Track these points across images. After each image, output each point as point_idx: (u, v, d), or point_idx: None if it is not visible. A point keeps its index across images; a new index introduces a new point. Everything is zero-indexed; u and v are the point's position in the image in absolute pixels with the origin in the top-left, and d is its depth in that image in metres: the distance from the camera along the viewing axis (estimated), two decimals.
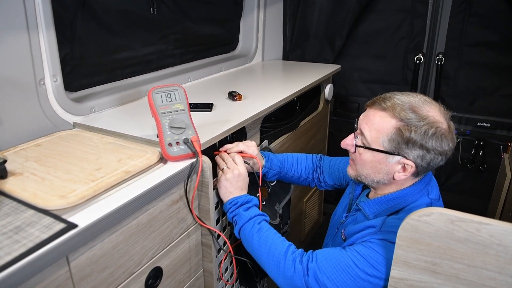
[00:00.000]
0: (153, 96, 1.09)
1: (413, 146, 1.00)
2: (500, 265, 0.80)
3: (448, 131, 1.02)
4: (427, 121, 0.99)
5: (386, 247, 0.99)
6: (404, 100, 1.03)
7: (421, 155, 1.01)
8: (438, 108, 1.04)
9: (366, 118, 1.08)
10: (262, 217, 1.17)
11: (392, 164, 1.05)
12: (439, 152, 1.01)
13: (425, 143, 0.99)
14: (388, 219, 1.04)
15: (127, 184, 0.96)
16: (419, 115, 1.00)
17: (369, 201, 1.13)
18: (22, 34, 1.12)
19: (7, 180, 0.93)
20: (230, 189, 1.18)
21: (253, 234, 1.13)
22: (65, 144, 1.16)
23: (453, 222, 0.81)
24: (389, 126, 1.02)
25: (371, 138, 1.05)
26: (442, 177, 2.58)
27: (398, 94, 1.06)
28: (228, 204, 1.19)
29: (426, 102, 1.04)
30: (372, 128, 1.05)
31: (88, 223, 0.79)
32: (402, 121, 1.00)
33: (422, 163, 1.03)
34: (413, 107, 1.01)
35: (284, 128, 1.79)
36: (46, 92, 1.23)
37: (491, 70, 2.23)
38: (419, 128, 0.99)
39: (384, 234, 1.01)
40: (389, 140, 1.02)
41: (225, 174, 1.18)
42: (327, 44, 2.54)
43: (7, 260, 0.67)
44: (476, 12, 2.17)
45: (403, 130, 1.00)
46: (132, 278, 0.97)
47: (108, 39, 1.54)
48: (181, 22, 1.87)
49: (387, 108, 1.03)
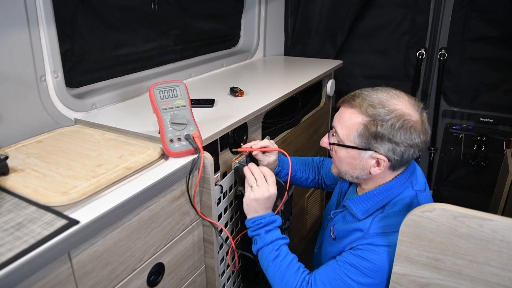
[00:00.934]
0: (154, 92, 1.09)
1: (381, 140, 1.01)
2: (503, 260, 0.79)
3: (418, 123, 1.02)
4: (394, 114, 1.00)
5: (373, 251, 1.01)
6: (372, 96, 1.05)
7: (391, 148, 1.02)
8: (407, 101, 1.04)
9: (338, 116, 1.11)
10: (282, 241, 1.16)
11: (366, 159, 1.06)
12: (409, 144, 1.01)
13: (393, 136, 1.00)
14: (374, 220, 1.06)
15: (129, 180, 0.95)
16: (386, 109, 1.01)
17: (354, 198, 1.13)
18: (23, 30, 1.12)
19: (8, 177, 0.93)
20: (257, 208, 1.17)
21: (269, 260, 1.14)
22: (67, 140, 1.16)
23: (456, 218, 0.81)
24: (357, 122, 1.04)
25: (343, 135, 1.08)
26: (444, 173, 2.58)
27: (367, 91, 1.08)
28: (251, 222, 1.18)
29: (395, 96, 1.05)
30: (343, 125, 1.08)
31: (90, 220, 0.79)
32: (369, 116, 1.02)
33: (394, 156, 1.03)
34: (380, 102, 1.02)
35: (285, 124, 1.79)
36: (47, 88, 1.23)
37: (493, 65, 2.22)
38: (385, 122, 1.00)
39: (370, 237, 1.03)
40: (359, 136, 1.04)
41: (254, 192, 1.16)
42: (328, 39, 2.53)
43: (9, 257, 0.67)
44: (479, 7, 2.16)
45: (370, 125, 1.01)
46: (134, 274, 0.97)
47: (109, 35, 1.53)
48: (182, 18, 1.86)
49: (355, 105, 1.05)
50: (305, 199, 2.13)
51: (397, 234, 0.97)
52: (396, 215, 1.04)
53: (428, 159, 2.59)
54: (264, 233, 1.16)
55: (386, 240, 1.01)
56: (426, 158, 2.60)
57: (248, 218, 1.20)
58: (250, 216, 1.19)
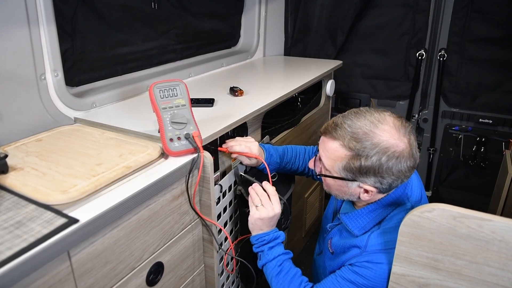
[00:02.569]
0: (154, 91, 1.09)
1: (367, 174, 0.99)
2: (502, 261, 0.79)
3: (406, 151, 0.97)
4: (378, 148, 0.96)
5: (370, 269, 1.01)
6: (354, 126, 0.99)
7: (378, 180, 1.00)
8: (393, 127, 0.98)
9: (322, 146, 1.08)
10: (284, 257, 1.18)
11: (354, 188, 1.05)
12: (397, 175, 0.99)
13: (379, 170, 0.97)
14: (371, 237, 1.05)
15: (128, 179, 0.95)
16: (370, 142, 0.97)
17: (350, 214, 1.12)
18: (23, 28, 1.12)
19: (8, 175, 0.93)
20: (262, 226, 1.19)
21: (273, 275, 1.16)
22: (66, 139, 1.16)
23: (455, 218, 0.81)
24: (341, 156, 1.01)
25: (328, 165, 1.06)
26: (444, 173, 2.58)
27: (349, 119, 1.02)
28: (255, 239, 1.20)
29: (380, 123, 0.98)
30: (328, 156, 1.05)
31: (89, 218, 0.79)
32: (351, 150, 0.99)
33: (382, 186, 1.01)
34: (364, 134, 0.98)
35: (285, 124, 1.79)
36: (47, 87, 1.23)
37: (493, 66, 2.22)
38: (370, 157, 0.96)
39: (368, 255, 1.03)
40: (344, 168, 1.02)
41: (260, 212, 1.17)
42: (328, 39, 2.53)
43: (9, 255, 0.67)
44: (479, 8, 2.16)
45: (354, 160, 0.99)
46: (133, 273, 0.97)
47: (109, 34, 1.53)
48: (182, 17, 1.86)
49: (337, 137, 1.01)
50: (304, 199, 2.13)
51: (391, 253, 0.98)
52: (393, 230, 1.02)
53: (427, 160, 2.59)
54: (267, 250, 1.18)
55: (380, 258, 1.01)
56: (425, 159, 2.60)
57: (252, 235, 1.22)
58: (254, 233, 1.21)
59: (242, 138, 1.30)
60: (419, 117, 2.53)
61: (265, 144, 1.40)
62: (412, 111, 2.52)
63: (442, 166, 2.57)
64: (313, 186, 2.23)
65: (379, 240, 1.03)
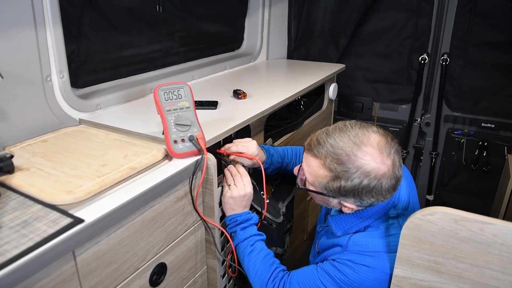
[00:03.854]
0: (159, 93, 1.10)
1: (346, 195, 0.99)
2: (504, 264, 0.80)
3: (388, 173, 0.95)
4: (359, 172, 0.94)
5: (351, 268, 1.01)
6: (337, 147, 0.97)
7: (358, 200, 0.99)
8: (376, 148, 0.95)
9: (305, 160, 1.07)
10: (256, 238, 1.20)
11: (335, 203, 1.06)
12: (376, 198, 0.98)
13: (358, 192, 0.96)
14: (353, 237, 1.05)
15: (133, 180, 0.96)
16: (351, 165, 0.95)
17: (337, 217, 1.12)
18: (29, 30, 1.13)
19: (14, 175, 0.94)
20: (234, 206, 1.20)
21: (245, 254, 1.18)
22: (71, 140, 1.17)
23: (457, 222, 0.81)
24: (323, 175, 1.00)
25: (311, 180, 1.05)
26: (446, 177, 2.58)
27: (333, 137, 0.99)
28: (228, 220, 1.22)
29: (362, 144, 0.95)
30: (310, 172, 1.04)
31: (95, 218, 0.80)
32: (332, 172, 0.97)
33: (363, 204, 1.01)
34: (346, 155, 0.95)
35: (288, 126, 1.79)
36: (53, 88, 1.24)
37: (496, 70, 2.22)
38: (350, 180, 0.95)
39: (349, 254, 1.04)
40: (325, 187, 1.01)
41: (231, 191, 1.19)
42: (331, 43, 2.54)
43: (15, 254, 0.68)
44: (482, 12, 2.17)
45: (334, 181, 0.98)
46: (137, 273, 0.98)
47: (114, 36, 1.54)
48: (186, 20, 1.88)
49: (319, 155, 1.00)
50: (306, 202, 2.13)
51: (376, 259, 1.00)
52: (376, 236, 1.03)
53: (429, 164, 2.59)
54: (240, 230, 1.19)
55: (364, 260, 1.01)
56: (427, 163, 2.61)
57: (226, 216, 1.23)
58: (227, 214, 1.22)
59: (240, 140, 1.31)
60: (422, 121, 2.54)
61: (265, 145, 1.41)
62: (415, 115, 2.53)
63: (444, 170, 2.57)
64: None
65: (362, 242, 1.04)
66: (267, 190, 1.41)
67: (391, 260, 0.99)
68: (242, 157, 1.26)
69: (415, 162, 2.67)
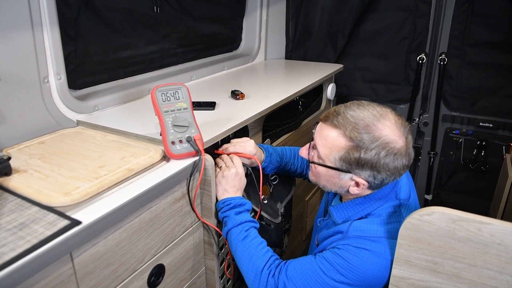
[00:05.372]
0: (156, 94, 1.10)
1: (363, 167, 0.98)
2: (501, 264, 0.80)
3: (403, 148, 0.97)
4: (379, 142, 0.95)
5: (351, 252, 0.99)
6: (357, 117, 0.98)
7: (373, 174, 0.99)
8: (394, 123, 0.98)
9: (320, 133, 1.06)
10: (251, 224, 1.16)
11: (346, 180, 1.04)
12: (392, 172, 0.98)
13: (376, 164, 0.96)
14: (354, 223, 1.04)
15: (130, 182, 0.96)
16: (371, 135, 0.95)
17: (338, 206, 1.12)
18: (27, 32, 1.13)
19: (11, 177, 0.94)
20: (226, 186, 1.17)
21: (238, 240, 1.12)
22: (69, 141, 1.17)
23: (455, 222, 0.81)
24: (340, 145, 0.99)
25: (324, 154, 1.04)
26: (444, 177, 2.58)
27: (352, 109, 1.01)
28: (221, 203, 1.17)
29: (382, 117, 0.98)
30: (324, 144, 1.03)
31: (92, 220, 0.80)
32: (352, 141, 0.97)
33: (374, 181, 1.01)
34: (366, 126, 0.96)
35: (286, 127, 1.79)
36: (50, 90, 1.24)
37: (493, 70, 2.23)
38: (369, 150, 0.95)
39: (349, 239, 1.02)
40: (340, 159, 1.00)
41: (222, 171, 1.18)
42: (329, 43, 2.54)
43: (12, 256, 0.68)
44: (479, 12, 2.17)
45: (353, 151, 0.97)
46: (135, 275, 0.98)
47: (112, 37, 1.54)
48: (184, 21, 1.87)
49: (338, 125, 0.99)
50: (305, 202, 2.13)
51: (377, 243, 0.99)
52: (378, 223, 1.03)
53: (428, 164, 2.60)
54: (234, 214, 1.15)
55: (364, 243, 0.99)
56: (426, 163, 2.61)
57: (218, 200, 1.19)
58: (220, 198, 1.18)
59: (237, 140, 1.30)
60: (420, 120, 2.54)
61: (263, 144, 1.41)
62: (413, 114, 2.53)
63: (443, 170, 2.57)
64: (314, 190, 2.23)
65: (362, 227, 1.02)
66: (265, 190, 1.41)
67: (392, 246, 0.97)
68: (240, 157, 1.26)
69: (413, 162, 2.66)
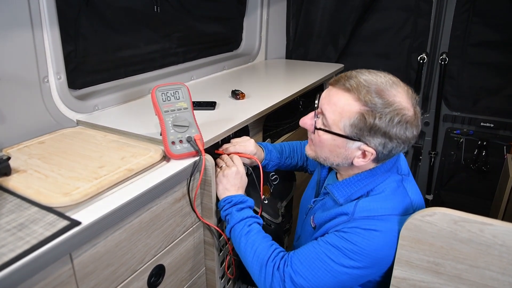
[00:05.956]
0: (156, 94, 1.09)
1: (375, 134, 0.94)
2: (503, 265, 0.79)
3: (414, 118, 0.95)
4: (393, 107, 0.92)
5: (361, 235, 0.94)
6: (370, 81, 0.94)
7: (383, 143, 0.95)
8: (405, 92, 0.96)
9: (328, 98, 1.00)
10: (253, 219, 1.14)
11: (352, 150, 0.99)
12: (402, 140, 0.95)
13: (389, 131, 0.93)
14: (359, 203, 0.99)
15: (130, 182, 0.96)
16: (385, 100, 0.92)
17: (337, 183, 1.07)
18: (26, 31, 1.13)
19: (11, 177, 0.93)
20: (227, 185, 1.16)
21: (241, 235, 1.10)
22: (69, 141, 1.17)
23: (456, 223, 0.81)
24: (353, 110, 0.94)
25: (332, 120, 0.98)
26: (445, 177, 2.58)
27: (364, 74, 0.97)
28: (223, 202, 1.15)
29: (394, 84, 0.95)
30: (334, 110, 0.97)
31: (92, 221, 0.79)
32: (366, 105, 0.92)
33: (383, 151, 0.96)
34: (379, 90, 0.93)
35: (287, 127, 1.79)
36: (50, 89, 1.24)
37: (494, 70, 2.22)
38: (384, 115, 0.91)
39: (356, 221, 0.97)
40: (351, 125, 0.95)
41: (222, 171, 1.17)
42: (330, 43, 2.53)
43: (11, 257, 0.68)
44: (480, 12, 2.17)
45: (367, 116, 0.92)
46: (135, 275, 0.97)
47: (112, 37, 1.54)
48: (184, 21, 1.87)
49: (351, 89, 0.94)
50: None
51: (386, 222, 0.95)
52: (383, 199, 0.99)
53: (428, 164, 2.59)
54: (235, 211, 1.13)
55: (373, 224, 0.95)
56: (426, 163, 2.60)
57: (219, 200, 1.17)
58: (222, 197, 1.16)
59: (237, 139, 1.30)
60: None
61: (262, 142, 1.40)
62: None
63: (444, 170, 2.57)
64: None
65: (369, 207, 0.98)
66: (266, 190, 1.41)
67: (400, 222, 0.94)
68: (241, 157, 1.25)
69: (414, 162, 2.67)
